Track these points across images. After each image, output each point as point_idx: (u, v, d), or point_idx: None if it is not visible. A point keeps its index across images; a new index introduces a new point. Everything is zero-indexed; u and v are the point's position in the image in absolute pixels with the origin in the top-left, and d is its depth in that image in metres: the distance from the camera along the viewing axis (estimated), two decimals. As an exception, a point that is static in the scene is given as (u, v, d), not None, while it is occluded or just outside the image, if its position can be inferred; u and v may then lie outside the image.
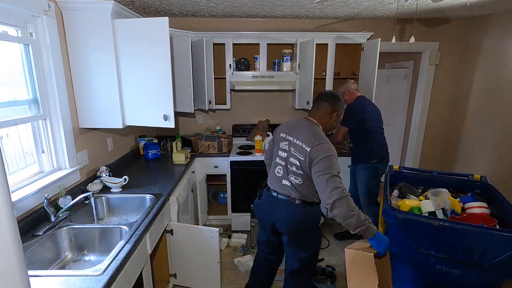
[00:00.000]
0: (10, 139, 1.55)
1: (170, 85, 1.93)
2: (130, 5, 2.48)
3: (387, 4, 2.47)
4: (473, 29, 3.12)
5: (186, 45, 2.63)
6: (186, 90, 2.74)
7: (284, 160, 1.68)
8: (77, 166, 1.90)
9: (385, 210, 1.60)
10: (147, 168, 2.54)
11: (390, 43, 2.22)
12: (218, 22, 3.14)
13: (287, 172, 1.65)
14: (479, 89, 3.06)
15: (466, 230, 1.38)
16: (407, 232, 1.51)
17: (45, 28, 1.63)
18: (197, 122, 3.47)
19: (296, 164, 1.61)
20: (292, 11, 2.79)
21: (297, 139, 1.63)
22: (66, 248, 1.54)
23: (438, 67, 3.35)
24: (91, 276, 1.14)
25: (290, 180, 1.64)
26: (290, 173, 1.64)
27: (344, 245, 2.88)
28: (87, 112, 1.94)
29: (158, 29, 1.84)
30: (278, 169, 1.71)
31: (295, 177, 1.62)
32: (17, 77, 1.58)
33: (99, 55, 1.84)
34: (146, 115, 2.00)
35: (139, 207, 1.93)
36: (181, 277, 2.17)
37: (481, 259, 1.37)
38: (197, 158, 2.90)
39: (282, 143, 1.71)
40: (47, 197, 1.53)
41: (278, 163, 1.71)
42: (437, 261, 1.48)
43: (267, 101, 3.46)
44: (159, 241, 1.94)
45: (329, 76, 3.07)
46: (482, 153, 3.01)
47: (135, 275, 1.44)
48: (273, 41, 2.99)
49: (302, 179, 1.60)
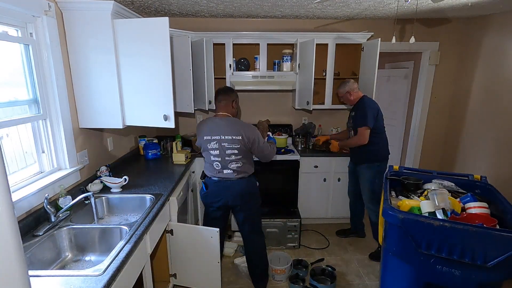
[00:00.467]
0: (10, 139, 1.55)
1: (170, 85, 1.93)
2: (130, 5, 2.48)
3: (387, 4, 2.48)
4: (473, 29, 3.12)
5: (186, 45, 2.63)
6: (186, 90, 2.74)
7: (219, 156, 1.99)
8: (77, 166, 1.90)
9: (385, 210, 1.60)
10: (147, 168, 2.54)
11: (390, 43, 2.22)
12: (218, 22, 3.14)
13: (226, 163, 1.99)
14: (479, 89, 3.06)
15: (466, 230, 1.38)
16: (407, 232, 1.51)
17: (45, 28, 1.63)
18: (197, 122, 3.46)
19: (234, 153, 1.97)
20: (292, 11, 2.79)
21: (225, 135, 1.95)
22: (66, 248, 1.54)
23: (438, 67, 3.35)
24: (91, 276, 1.14)
25: (231, 168, 2.00)
26: (229, 162, 1.99)
27: (345, 244, 2.89)
28: (87, 112, 1.94)
29: (158, 29, 1.84)
30: (216, 164, 2.02)
31: (236, 162, 1.99)
32: (17, 77, 1.58)
33: (99, 55, 1.84)
34: (146, 115, 2.00)
35: (139, 207, 1.93)
36: (181, 277, 2.17)
37: (481, 259, 1.37)
38: (197, 158, 2.90)
39: (210, 144, 1.98)
40: (47, 197, 1.53)
41: (214, 160, 2.01)
42: (437, 261, 1.48)
43: (267, 101, 3.46)
44: (159, 241, 1.94)
45: (329, 76, 3.07)
46: (482, 153, 3.01)
47: (135, 275, 1.44)
48: (273, 41, 2.99)
49: (242, 162, 2.01)
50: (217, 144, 1.97)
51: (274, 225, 2.74)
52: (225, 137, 1.95)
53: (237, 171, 2.01)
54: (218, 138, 1.96)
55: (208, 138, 1.99)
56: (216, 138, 1.96)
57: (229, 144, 1.95)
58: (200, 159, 2.90)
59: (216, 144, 1.97)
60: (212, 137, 1.97)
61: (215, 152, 1.98)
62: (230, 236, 2.95)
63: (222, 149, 1.96)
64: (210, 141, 1.98)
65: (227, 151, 1.96)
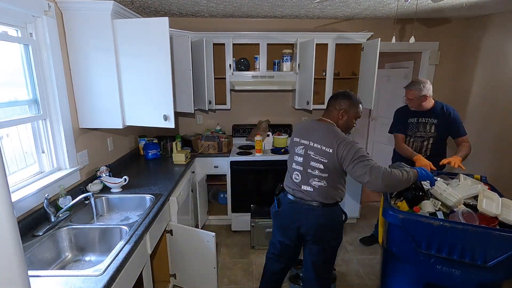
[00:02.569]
0: (10, 139, 1.55)
1: (170, 85, 1.93)
2: (130, 5, 2.48)
3: (387, 4, 2.48)
4: (473, 29, 3.12)
5: (186, 45, 2.63)
6: (186, 90, 2.74)
7: (301, 165, 1.66)
8: (77, 166, 1.90)
9: (385, 210, 1.60)
10: (147, 168, 2.54)
11: (390, 43, 2.22)
12: (218, 22, 3.14)
13: (308, 177, 1.63)
14: (479, 88, 3.06)
15: (466, 230, 1.39)
16: (407, 232, 1.51)
17: (45, 28, 1.63)
18: (197, 122, 3.47)
19: (319, 167, 1.59)
20: (292, 11, 2.79)
21: (314, 142, 1.61)
22: (66, 248, 1.54)
23: (438, 67, 3.35)
24: (91, 276, 1.14)
25: (312, 185, 1.62)
26: (311, 177, 1.62)
27: (345, 244, 2.89)
28: (87, 112, 1.94)
29: (158, 29, 1.84)
30: (295, 175, 1.69)
31: (319, 180, 1.61)
32: (17, 77, 1.58)
33: (99, 55, 1.84)
34: (146, 115, 2.00)
35: (139, 207, 1.93)
36: (181, 278, 2.17)
37: (481, 259, 1.37)
38: (197, 158, 2.90)
39: (296, 148, 1.70)
40: (47, 197, 1.53)
41: (295, 169, 1.69)
42: (437, 261, 1.48)
43: (267, 101, 3.46)
44: (159, 241, 1.94)
45: (329, 76, 3.07)
46: (482, 153, 3.01)
47: (135, 275, 1.44)
48: (273, 41, 2.99)
49: (327, 182, 1.60)
50: (303, 150, 1.66)
51: (274, 225, 2.74)
52: (313, 145, 1.62)
53: (318, 192, 1.62)
54: (306, 144, 1.65)
55: (297, 140, 1.72)
56: (304, 142, 1.67)
57: (315, 155, 1.60)
58: (200, 159, 2.90)
59: (302, 149, 1.67)
60: (301, 141, 1.69)
61: (299, 159, 1.67)
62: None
63: (306, 158, 1.64)
64: (298, 145, 1.70)
65: (311, 162, 1.62)
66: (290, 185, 1.73)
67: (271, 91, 3.39)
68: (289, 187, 1.74)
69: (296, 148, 1.70)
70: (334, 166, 1.56)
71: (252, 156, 2.92)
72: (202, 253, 2.02)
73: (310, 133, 1.66)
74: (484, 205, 1.48)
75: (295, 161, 1.71)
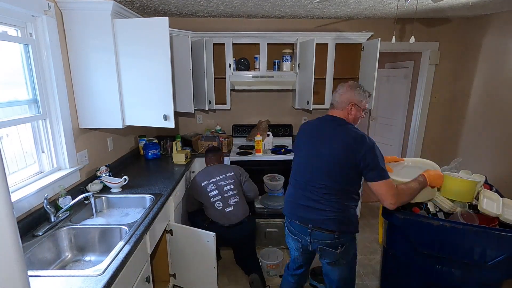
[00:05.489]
0: (10, 139, 1.55)
1: (170, 85, 1.93)
2: (130, 5, 2.48)
3: (387, 4, 2.47)
4: (473, 29, 3.12)
5: (186, 45, 2.63)
6: (186, 90, 2.74)
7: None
8: (77, 166, 1.90)
9: (385, 210, 1.60)
10: (147, 168, 2.54)
11: (390, 43, 2.22)
12: (218, 22, 3.14)
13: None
14: (479, 88, 3.06)
15: (466, 230, 1.39)
16: (407, 232, 1.51)
17: (45, 28, 1.63)
18: (197, 122, 3.47)
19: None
20: (292, 11, 2.79)
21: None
22: (66, 248, 1.54)
23: (438, 67, 3.35)
24: (91, 276, 1.14)
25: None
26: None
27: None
28: (87, 112, 1.94)
29: (158, 29, 1.84)
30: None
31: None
32: (17, 77, 1.58)
33: (99, 55, 1.84)
34: (146, 115, 2.00)
35: (139, 207, 1.92)
36: (181, 278, 2.17)
37: (481, 259, 1.37)
38: (197, 158, 2.90)
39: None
40: (47, 197, 1.53)
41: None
42: (437, 261, 1.48)
43: (267, 101, 3.46)
44: (159, 241, 1.94)
45: (329, 76, 3.07)
46: (482, 153, 3.01)
47: (135, 275, 1.44)
48: (273, 41, 2.99)
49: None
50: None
51: (274, 225, 2.74)
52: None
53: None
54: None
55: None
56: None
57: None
58: (200, 159, 2.90)
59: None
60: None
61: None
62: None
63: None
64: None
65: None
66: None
67: (271, 91, 3.39)
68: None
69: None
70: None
71: (252, 156, 2.92)
72: (202, 253, 2.02)
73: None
74: (485, 205, 1.48)
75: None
